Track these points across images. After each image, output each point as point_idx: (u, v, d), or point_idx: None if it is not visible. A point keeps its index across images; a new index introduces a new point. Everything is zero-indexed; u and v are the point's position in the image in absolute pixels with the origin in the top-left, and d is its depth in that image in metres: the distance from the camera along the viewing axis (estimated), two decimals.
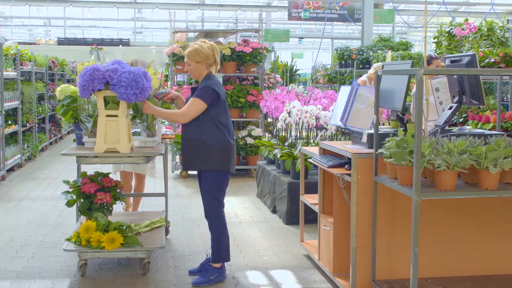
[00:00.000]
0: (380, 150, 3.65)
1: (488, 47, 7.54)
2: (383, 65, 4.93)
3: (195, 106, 4.24)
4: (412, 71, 3.41)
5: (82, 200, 4.68)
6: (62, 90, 4.80)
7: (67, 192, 4.75)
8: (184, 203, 7.24)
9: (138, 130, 4.90)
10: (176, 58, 8.53)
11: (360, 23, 16.80)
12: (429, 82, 4.36)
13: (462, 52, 8.00)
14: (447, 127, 4.21)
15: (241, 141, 8.81)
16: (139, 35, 25.85)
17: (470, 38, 7.24)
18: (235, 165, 4.55)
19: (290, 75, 19.07)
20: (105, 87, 4.17)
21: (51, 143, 12.92)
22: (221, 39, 10.59)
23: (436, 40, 9.84)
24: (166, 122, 7.29)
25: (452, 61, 4.27)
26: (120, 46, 21.92)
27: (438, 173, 3.33)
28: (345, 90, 5.11)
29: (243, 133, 8.95)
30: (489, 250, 4.05)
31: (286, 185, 6.21)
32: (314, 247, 4.98)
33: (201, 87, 4.29)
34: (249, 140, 8.75)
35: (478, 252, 4.05)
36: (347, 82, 15.14)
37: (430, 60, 6.47)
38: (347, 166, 4.11)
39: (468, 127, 4.61)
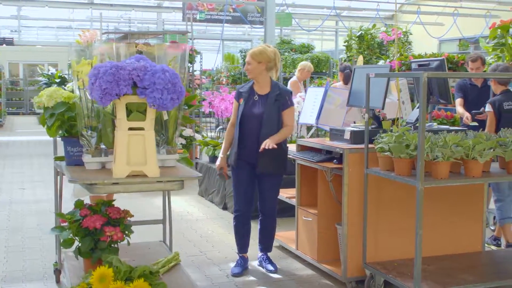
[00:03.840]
0: (379, 145, 4.05)
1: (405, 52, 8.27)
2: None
3: (293, 114, 4.75)
4: (417, 74, 3.86)
5: (83, 238, 3.53)
6: (51, 95, 3.52)
7: (61, 228, 3.62)
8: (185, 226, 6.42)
9: None
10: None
11: (259, 26, 17.31)
12: (395, 83, 4.85)
13: (381, 56, 8.68)
14: (417, 124, 4.72)
15: None
16: (23, 34, 24.78)
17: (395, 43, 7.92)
18: None
19: None
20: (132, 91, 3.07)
21: None
22: (140, 41, 10.60)
23: (346, 43, 10.54)
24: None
25: (420, 65, 4.78)
26: (4, 45, 20.94)
27: (435, 164, 3.80)
28: (312, 91, 5.51)
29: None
30: (454, 231, 4.62)
31: None
32: (288, 238, 5.33)
33: (288, 95, 4.68)
34: (181, 141, 8.92)
35: (446, 233, 4.59)
36: None
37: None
38: (335, 160, 4.50)
39: (434, 123, 5.16)
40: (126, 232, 3.59)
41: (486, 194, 4.74)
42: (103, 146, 3.32)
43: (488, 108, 5.11)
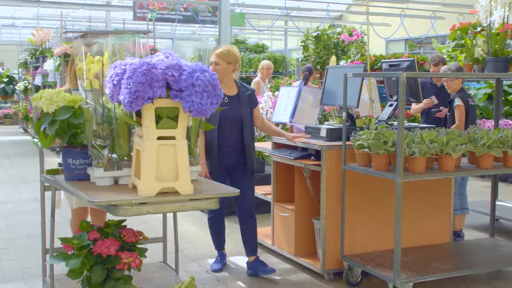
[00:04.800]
0: (358, 142, 4.23)
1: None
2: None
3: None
4: (396, 74, 4.05)
5: (94, 267, 3.02)
6: (51, 98, 2.98)
7: (64, 256, 3.05)
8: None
9: None
10: (68, 59, 8.44)
11: (211, 25, 17.38)
12: (366, 83, 5.04)
13: (342, 56, 8.92)
14: (389, 122, 4.93)
15: None
16: None
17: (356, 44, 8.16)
18: None
19: None
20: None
21: None
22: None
23: (303, 44, 10.75)
24: None
25: (390, 65, 5.00)
26: None
27: (413, 159, 4.00)
28: (285, 90, 5.67)
29: None
30: (424, 224, 4.85)
31: None
32: (262, 234, 5.46)
33: (254, 93, 4.76)
34: None
35: (417, 226, 4.82)
36: None
37: None
38: (312, 157, 4.66)
39: (404, 121, 5.37)
40: (143, 256, 3.19)
41: (453, 188, 4.99)
42: (114, 156, 2.88)
43: (458, 102, 5.35)
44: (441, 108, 5.98)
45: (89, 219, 4.30)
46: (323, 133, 4.74)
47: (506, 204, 6.41)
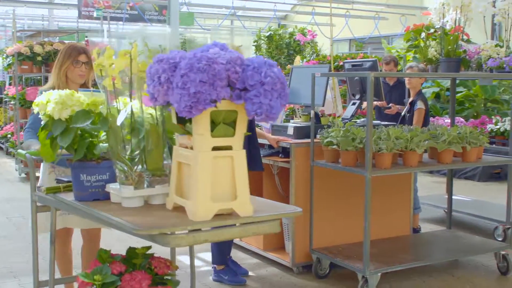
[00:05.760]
0: (327, 139, 4.39)
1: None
2: (292, 68, 5.67)
3: None
4: (365, 74, 4.23)
5: None
6: (63, 102, 2.39)
7: None
8: None
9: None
10: (22, 58, 8.34)
11: (158, 24, 17.32)
12: (330, 82, 5.22)
13: (295, 55, 9.11)
14: (352, 120, 5.13)
15: None
16: None
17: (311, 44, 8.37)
18: None
19: None
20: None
21: None
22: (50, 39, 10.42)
23: (255, 43, 10.91)
24: None
25: (353, 65, 5.19)
26: None
27: (380, 155, 4.19)
28: None
29: None
30: (386, 217, 5.07)
31: None
32: None
33: None
34: None
35: (380, 219, 5.03)
36: None
37: None
38: (281, 154, 4.80)
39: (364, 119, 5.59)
40: None
41: (413, 184, 5.24)
42: (142, 170, 2.37)
43: (420, 105, 5.60)
44: (390, 105, 6.25)
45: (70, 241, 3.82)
46: (290, 131, 4.89)
47: (457, 197, 6.72)
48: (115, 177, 2.40)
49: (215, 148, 2.11)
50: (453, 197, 5.62)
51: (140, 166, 2.35)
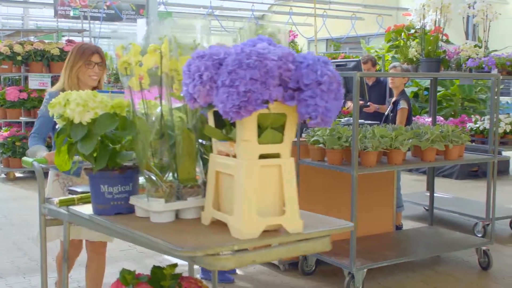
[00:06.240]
0: (314, 138, 4.46)
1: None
2: None
3: None
4: (351, 74, 4.31)
5: None
6: (84, 104, 2.08)
7: None
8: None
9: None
10: (2, 58, 8.28)
11: (135, 24, 17.28)
12: None
13: None
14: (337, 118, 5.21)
15: None
16: None
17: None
18: None
19: None
20: None
21: None
22: (31, 38, 10.34)
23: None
24: None
25: (337, 65, 5.27)
26: None
27: (366, 153, 4.27)
28: None
29: None
30: (370, 215, 5.15)
31: None
32: None
33: None
34: None
35: (364, 217, 5.12)
36: None
37: None
38: None
39: (351, 118, 5.67)
40: None
41: (396, 182, 5.34)
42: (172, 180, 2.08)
43: (404, 105, 5.71)
44: (368, 103, 6.36)
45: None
46: None
47: (437, 195, 6.85)
48: (137, 188, 2.19)
49: (261, 156, 1.86)
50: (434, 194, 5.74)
51: (169, 176, 2.06)
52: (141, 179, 2.17)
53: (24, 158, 2.75)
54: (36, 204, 2.52)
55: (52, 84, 8.78)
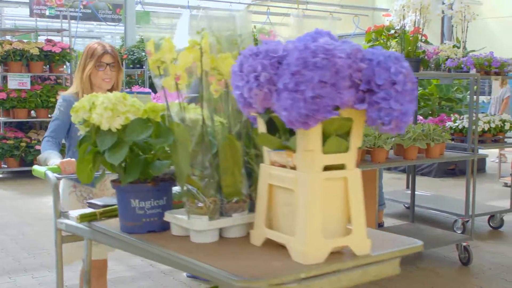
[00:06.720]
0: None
1: None
2: None
3: None
4: None
5: None
6: (113, 108, 1.84)
7: None
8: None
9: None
10: None
11: (112, 23, 17.21)
12: None
13: None
14: None
15: None
16: None
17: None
18: None
19: None
20: None
21: None
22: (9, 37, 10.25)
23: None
24: None
25: None
26: None
27: None
28: None
29: None
30: None
31: None
32: None
33: None
34: None
35: None
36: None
37: None
38: None
39: None
40: None
41: (378, 180, 5.41)
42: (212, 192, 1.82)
43: None
44: None
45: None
46: None
47: (417, 192, 6.96)
48: (171, 202, 1.94)
49: (325, 168, 1.61)
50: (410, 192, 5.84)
51: (212, 190, 1.79)
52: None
53: (36, 167, 2.47)
54: (17, 205, 2.44)
55: (31, 84, 8.74)
